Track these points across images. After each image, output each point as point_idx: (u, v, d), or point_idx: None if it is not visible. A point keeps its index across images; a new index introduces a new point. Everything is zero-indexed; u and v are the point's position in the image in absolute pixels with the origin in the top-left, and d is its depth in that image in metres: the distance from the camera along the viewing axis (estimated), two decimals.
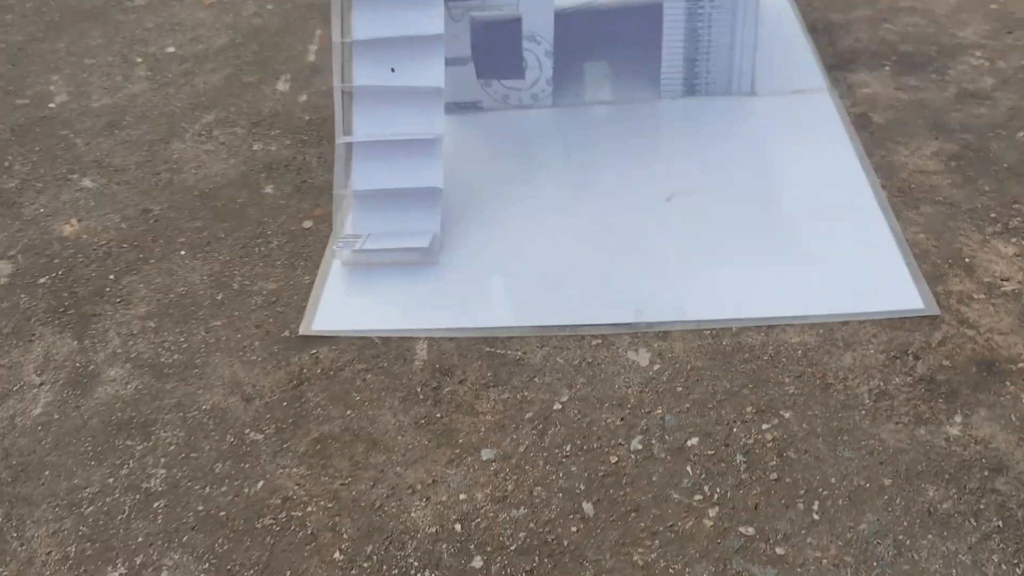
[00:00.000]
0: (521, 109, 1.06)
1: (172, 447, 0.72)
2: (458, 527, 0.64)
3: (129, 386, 0.78)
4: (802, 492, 0.63)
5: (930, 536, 0.60)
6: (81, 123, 1.14)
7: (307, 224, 0.93)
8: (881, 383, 0.70)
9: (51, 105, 1.18)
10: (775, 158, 0.94)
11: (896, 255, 0.80)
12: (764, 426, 0.68)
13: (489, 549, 0.63)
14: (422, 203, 0.86)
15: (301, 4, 1.36)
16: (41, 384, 0.79)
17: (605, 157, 0.97)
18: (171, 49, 1.28)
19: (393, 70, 0.88)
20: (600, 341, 0.76)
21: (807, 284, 0.78)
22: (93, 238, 0.94)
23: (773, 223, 0.86)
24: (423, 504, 0.66)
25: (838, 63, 1.08)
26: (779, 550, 0.61)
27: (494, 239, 0.88)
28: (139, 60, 1.26)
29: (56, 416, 0.76)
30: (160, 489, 0.69)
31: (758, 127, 0.99)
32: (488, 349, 0.77)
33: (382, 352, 0.78)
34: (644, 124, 1.02)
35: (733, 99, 1.03)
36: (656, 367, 0.73)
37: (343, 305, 0.83)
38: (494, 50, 1.02)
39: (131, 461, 0.71)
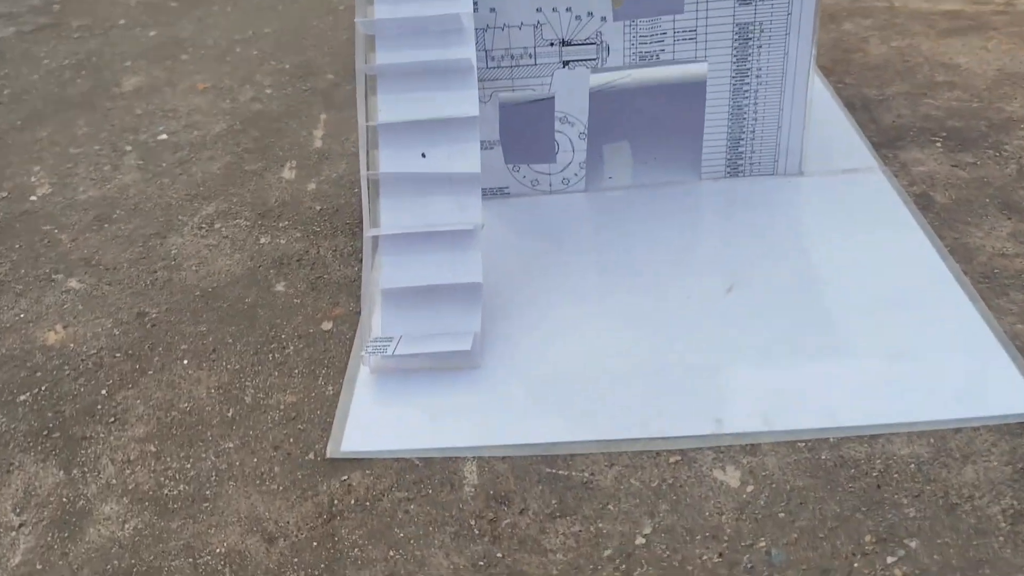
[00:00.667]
0: (552, 194, 0.98)
1: None
2: None
3: (127, 526, 0.66)
4: None
5: None
6: (66, 217, 1.04)
7: (326, 326, 0.83)
8: (1015, 502, 0.60)
9: (32, 198, 1.08)
10: (839, 242, 0.86)
11: (998, 350, 0.71)
12: (889, 559, 0.58)
13: None
14: (460, 300, 0.77)
15: (302, 88, 1.29)
16: (21, 526, 0.67)
17: (650, 245, 0.89)
18: (164, 137, 1.19)
19: (424, 155, 0.80)
20: (679, 458, 0.66)
21: (906, 386, 0.69)
22: (81, 347, 0.83)
23: (853, 316, 0.77)
24: None
25: (885, 140, 1.01)
26: None
27: (541, 339, 0.78)
28: (129, 148, 1.17)
29: (39, 566, 0.64)
30: None
31: (813, 209, 0.92)
32: (548, 470, 0.66)
33: (425, 476, 0.67)
34: (689, 208, 0.94)
35: (780, 179, 0.96)
36: (750, 488, 0.63)
37: (375, 420, 0.72)
38: (524, 132, 0.94)
39: None
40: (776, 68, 0.90)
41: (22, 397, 0.79)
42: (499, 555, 0.61)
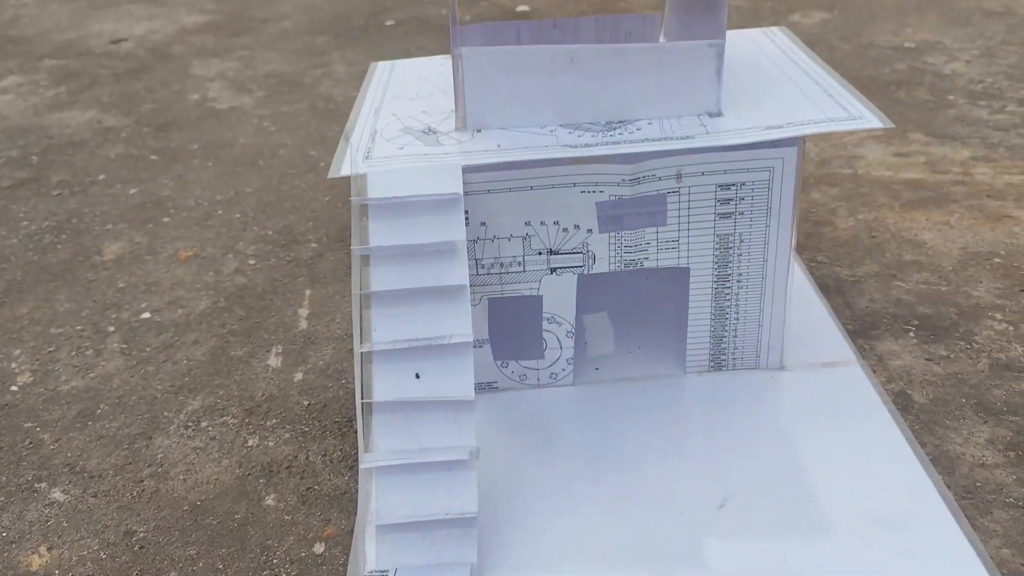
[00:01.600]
0: (540, 388, 1.00)
1: None
2: None
3: None
4: None
5: None
6: (49, 412, 1.03)
7: (318, 548, 0.82)
8: None
9: (13, 388, 1.07)
10: (823, 450, 0.88)
11: None
12: None
13: None
14: (455, 530, 0.77)
15: (285, 258, 1.31)
16: None
17: (640, 448, 0.90)
18: (147, 315, 1.19)
19: (418, 376, 0.81)
20: None
21: None
22: (67, 572, 0.82)
23: (843, 535, 0.78)
24: None
25: (860, 328, 1.05)
26: None
27: (534, 552, 0.78)
28: (112, 329, 1.17)
29: None
30: None
31: (796, 408, 0.94)
32: None
33: None
34: (674, 405, 0.96)
35: (762, 374, 0.99)
36: None
37: None
38: (512, 330, 0.96)
39: None
40: (756, 273, 0.93)
41: None
42: None
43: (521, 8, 2.41)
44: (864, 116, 0.87)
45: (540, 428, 0.95)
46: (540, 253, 0.92)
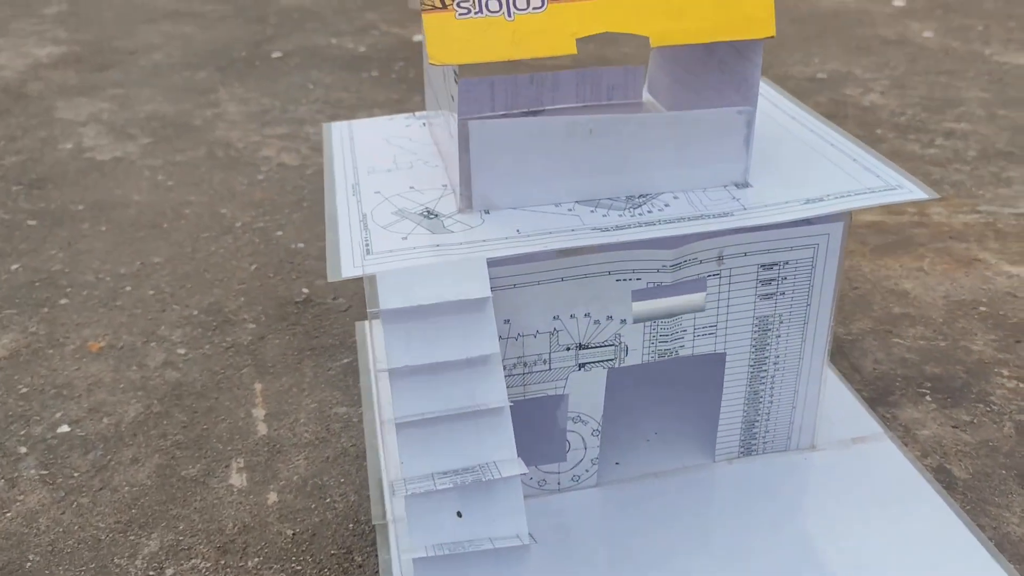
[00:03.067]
0: (560, 492, 0.89)
1: None
2: None
3: None
4: None
5: None
6: None
7: None
8: None
9: None
10: (883, 541, 0.82)
11: None
12: None
13: None
14: None
15: (221, 345, 1.14)
16: None
17: (686, 550, 0.81)
18: (65, 428, 1.00)
19: (460, 515, 0.69)
20: None
21: None
22: None
23: None
24: None
25: (876, 395, 1.00)
26: None
27: None
28: (23, 450, 0.97)
29: None
30: None
31: (840, 494, 0.87)
32: None
33: None
34: (712, 498, 0.88)
35: (795, 456, 0.92)
36: None
37: None
38: (533, 433, 0.85)
39: None
40: (793, 354, 0.87)
41: None
42: None
43: (418, 38, 2.29)
44: (904, 186, 0.82)
45: (567, 541, 0.84)
46: (568, 349, 0.81)
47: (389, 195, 0.84)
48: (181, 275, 1.29)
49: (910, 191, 0.81)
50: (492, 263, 0.75)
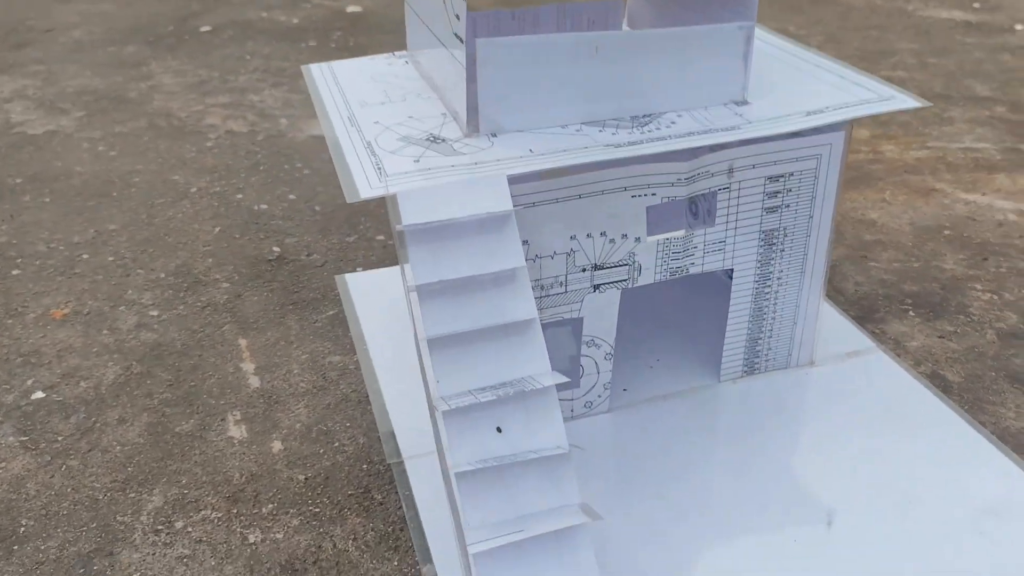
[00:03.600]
0: (574, 419, 0.88)
1: None
2: None
3: None
4: None
5: None
6: None
7: None
8: None
9: None
10: (899, 447, 0.84)
11: None
12: None
13: None
14: None
15: (196, 305, 1.09)
16: None
17: (714, 469, 0.82)
18: (39, 394, 0.94)
19: (499, 430, 0.68)
20: None
21: None
22: None
23: (963, 533, 0.74)
24: None
25: (863, 313, 1.03)
26: None
27: None
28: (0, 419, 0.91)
29: None
30: None
31: (849, 407, 0.89)
32: None
33: None
34: (717, 417, 0.88)
35: (797, 372, 0.93)
36: None
37: None
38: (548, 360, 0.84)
39: None
40: (796, 268, 0.88)
41: None
42: None
43: (352, 9, 2.25)
44: (896, 97, 0.84)
45: (594, 466, 0.84)
46: (584, 270, 0.81)
47: (389, 124, 0.82)
48: (141, 240, 1.23)
49: (904, 100, 0.83)
50: (511, 180, 0.74)
